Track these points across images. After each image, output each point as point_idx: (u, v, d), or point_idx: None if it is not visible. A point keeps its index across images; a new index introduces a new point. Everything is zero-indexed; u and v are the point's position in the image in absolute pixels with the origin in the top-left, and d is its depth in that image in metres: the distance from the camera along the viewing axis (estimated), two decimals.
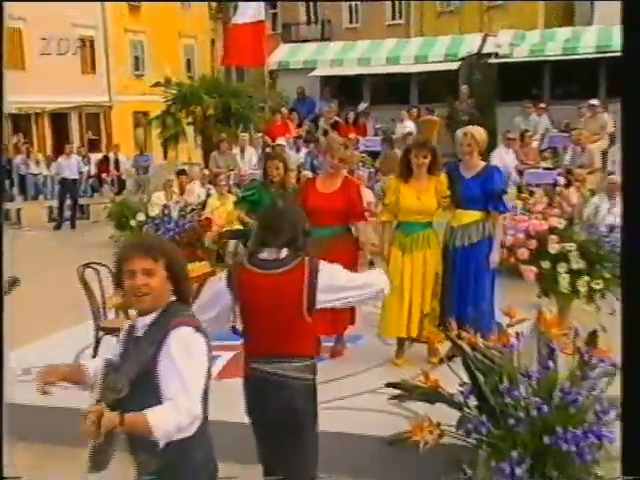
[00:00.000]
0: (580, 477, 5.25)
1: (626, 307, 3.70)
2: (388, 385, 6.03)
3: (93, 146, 34.78)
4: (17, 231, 19.61)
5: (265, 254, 4.58)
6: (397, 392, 6.10)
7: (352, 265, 6.93)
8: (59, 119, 35.53)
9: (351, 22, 48.53)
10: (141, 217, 12.35)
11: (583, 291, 9.20)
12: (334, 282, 4.61)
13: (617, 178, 13.92)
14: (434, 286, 7.66)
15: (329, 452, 5.46)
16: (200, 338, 3.69)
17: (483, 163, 8.06)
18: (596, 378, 5.47)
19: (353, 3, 48.25)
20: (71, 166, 20.52)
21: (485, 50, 20.88)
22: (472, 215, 7.67)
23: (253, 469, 5.09)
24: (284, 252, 4.55)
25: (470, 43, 21.56)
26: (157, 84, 29.25)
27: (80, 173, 21.24)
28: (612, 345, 5.54)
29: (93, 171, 23.67)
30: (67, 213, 21.05)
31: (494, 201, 7.68)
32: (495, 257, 7.71)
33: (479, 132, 7.99)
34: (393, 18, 47.67)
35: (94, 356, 7.71)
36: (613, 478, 4.93)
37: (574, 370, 5.49)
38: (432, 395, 5.74)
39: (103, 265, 7.91)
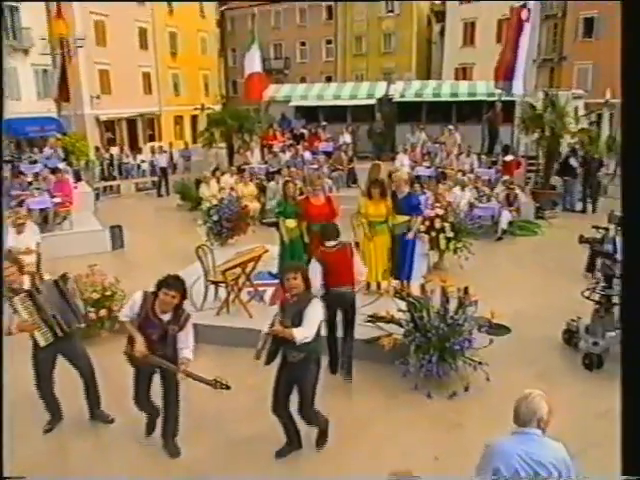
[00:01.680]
0: (458, 358, 6.17)
1: (624, 312, 2.94)
2: (370, 317, 6.83)
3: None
4: (118, 199, 19.33)
5: (331, 243, 6.13)
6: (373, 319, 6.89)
7: None
8: (131, 123, 34.95)
9: (302, 58, 46.55)
10: (207, 205, 11.96)
11: (452, 248, 10.44)
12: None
13: (470, 176, 14.80)
14: (386, 254, 8.09)
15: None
16: (318, 304, 4.87)
17: (407, 190, 8.30)
18: (468, 312, 6.32)
19: (302, 48, 46.49)
20: (163, 159, 20.44)
21: (389, 92, 21.00)
22: (403, 218, 8.02)
23: None
24: (334, 242, 6.09)
25: (381, 88, 21.37)
26: (196, 109, 28.95)
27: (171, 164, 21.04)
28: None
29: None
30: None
31: (413, 210, 8.10)
32: (411, 235, 8.07)
33: (404, 174, 8.78)
34: (327, 57, 45.90)
35: (205, 299, 7.88)
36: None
37: (457, 307, 6.37)
38: (390, 320, 6.68)
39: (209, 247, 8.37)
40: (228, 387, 4.57)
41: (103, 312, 7.58)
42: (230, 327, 7.32)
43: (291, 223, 8.35)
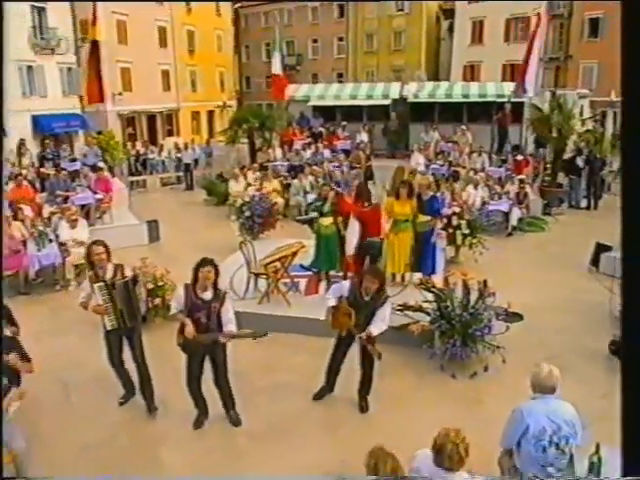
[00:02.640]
0: (478, 342, 6.87)
1: (625, 315, 2.85)
2: (399, 305, 7.44)
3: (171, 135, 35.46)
4: (145, 193, 19.50)
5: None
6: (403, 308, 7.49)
7: None
8: (150, 118, 35.46)
9: (314, 55, 46.66)
10: (239, 202, 12.47)
11: (467, 243, 11.10)
12: None
13: (481, 174, 15.34)
14: (409, 250, 8.69)
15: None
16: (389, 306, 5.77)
17: (431, 193, 8.93)
18: (487, 302, 6.99)
19: (314, 45, 46.62)
20: (188, 155, 20.94)
21: (404, 93, 21.53)
22: (426, 218, 8.62)
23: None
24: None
25: (396, 89, 22.00)
26: (218, 106, 29.36)
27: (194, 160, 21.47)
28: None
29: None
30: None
31: (435, 211, 8.76)
32: (434, 239, 8.76)
33: (427, 180, 9.50)
34: (339, 54, 46.07)
35: (247, 289, 8.50)
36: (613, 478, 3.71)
37: (478, 298, 7.09)
38: (418, 309, 7.41)
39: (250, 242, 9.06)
40: (265, 334, 5.31)
41: (157, 301, 8.29)
42: (271, 315, 8.00)
43: (326, 221, 8.91)
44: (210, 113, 41.83)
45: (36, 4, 29.44)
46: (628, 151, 2.80)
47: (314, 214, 9.02)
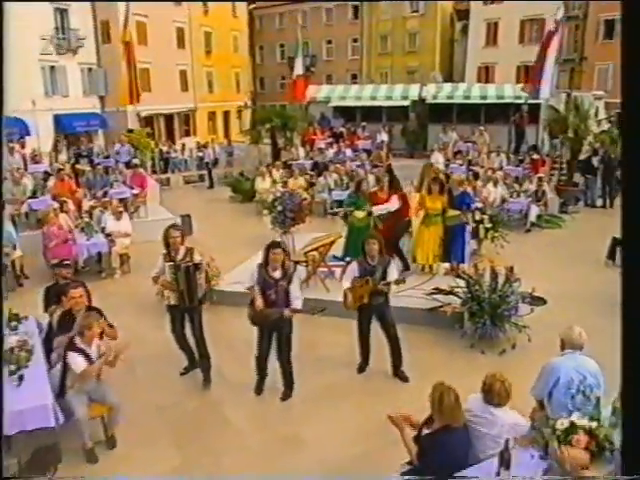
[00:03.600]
0: (506, 322, 7.64)
1: (624, 311, 2.84)
2: (434, 289, 8.30)
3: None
4: (169, 191, 19.94)
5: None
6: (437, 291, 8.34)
7: None
8: (168, 118, 36.30)
9: (328, 56, 47.31)
10: (271, 197, 13.23)
11: (490, 237, 11.80)
12: None
13: (499, 173, 16.02)
14: (438, 242, 9.52)
15: (410, 314, 7.97)
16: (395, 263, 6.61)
17: (461, 189, 9.82)
18: (514, 286, 7.76)
19: (328, 46, 47.36)
20: (210, 154, 21.79)
21: (422, 94, 22.24)
22: (456, 212, 9.49)
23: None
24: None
25: (415, 90, 22.73)
26: (240, 107, 30.00)
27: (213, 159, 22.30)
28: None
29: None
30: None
31: (465, 205, 9.66)
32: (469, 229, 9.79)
33: (460, 177, 10.24)
34: (353, 55, 46.81)
35: None
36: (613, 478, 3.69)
37: (504, 282, 7.85)
38: (450, 292, 8.17)
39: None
40: (324, 309, 6.33)
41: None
42: (312, 298, 8.70)
43: (360, 214, 9.70)
44: (226, 114, 42.67)
45: (60, 5, 30.41)
46: (628, 151, 2.80)
47: (347, 208, 9.79)
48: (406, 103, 22.23)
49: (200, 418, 6.22)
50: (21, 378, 5.30)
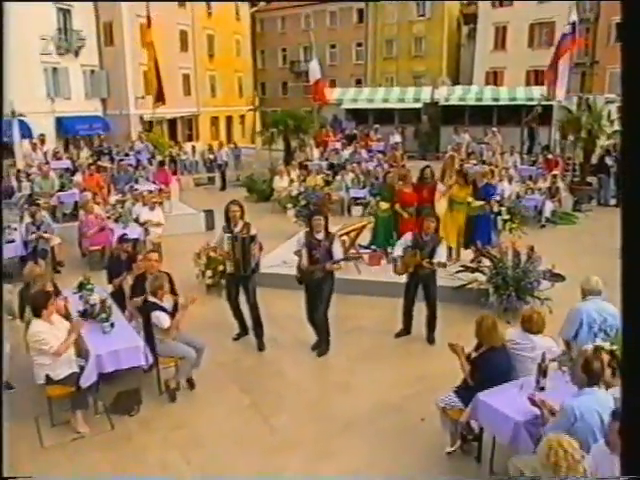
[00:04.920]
0: (528, 295, 8.83)
1: (624, 311, 2.91)
2: (461, 266, 9.52)
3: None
4: (182, 192, 19.91)
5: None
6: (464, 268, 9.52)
7: None
8: (171, 123, 37.33)
9: (332, 61, 47.89)
10: (296, 192, 14.50)
11: (507, 228, 13.01)
12: None
13: (510, 172, 17.26)
14: (460, 229, 10.63)
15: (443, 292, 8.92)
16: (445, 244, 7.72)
17: (485, 180, 10.96)
18: (535, 263, 9.02)
19: (332, 51, 48.20)
20: (222, 155, 22.92)
21: (435, 96, 23.58)
22: (480, 203, 10.59)
23: None
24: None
25: (427, 92, 24.06)
26: (250, 110, 31.03)
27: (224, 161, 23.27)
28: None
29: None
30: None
31: (489, 196, 10.78)
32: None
33: (484, 169, 11.46)
34: (357, 60, 48.08)
35: None
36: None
37: (526, 259, 9.07)
38: (476, 269, 9.36)
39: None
40: (360, 257, 8.04)
41: None
42: (344, 279, 9.84)
43: (384, 205, 10.93)
44: (229, 119, 43.98)
45: (62, 6, 31.70)
46: (628, 152, 2.90)
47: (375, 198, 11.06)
48: (418, 105, 23.51)
49: (259, 372, 7.39)
50: (112, 325, 6.43)
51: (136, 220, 12.26)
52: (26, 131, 26.47)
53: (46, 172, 14.36)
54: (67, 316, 6.42)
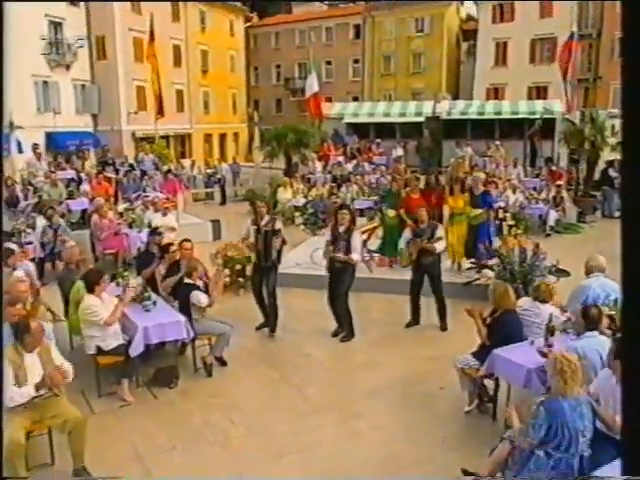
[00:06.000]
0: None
1: (624, 311, 2.97)
2: (471, 263, 10.63)
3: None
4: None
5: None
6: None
7: None
8: (164, 140, 38.23)
9: (327, 78, 48.26)
10: (302, 201, 15.62)
11: (513, 233, 14.04)
12: None
13: (514, 182, 18.42)
14: (463, 241, 11.26)
15: (447, 288, 9.84)
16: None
17: (482, 188, 11.54)
18: (540, 258, 10.09)
19: (327, 67, 49.39)
20: (224, 170, 23.98)
21: (436, 110, 24.81)
22: (479, 211, 11.21)
23: None
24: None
25: (428, 106, 25.36)
26: (250, 120, 31.93)
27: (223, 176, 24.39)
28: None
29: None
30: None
31: (487, 204, 11.41)
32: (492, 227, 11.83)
33: (480, 175, 12.48)
34: (354, 76, 49.57)
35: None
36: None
37: (532, 255, 10.11)
38: (485, 266, 10.41)
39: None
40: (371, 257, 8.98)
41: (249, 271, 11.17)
42: (357, 277, 10.88)
43: (391, 213, 11.85)
44: (222, 136, 45.24)
45: (54, 19, 32.90)
46: (628, 153, 2.95)
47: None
48: (420, 119, 24.77)
49: (284, 354, 8.41)
50: (155, 303, 7.44)
51: (149, 226, 13.22)
52: (16, 145, 27.57)
53: (54, 180, 15.38)
54: None
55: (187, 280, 7.68)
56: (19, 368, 5.20)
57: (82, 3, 34.63)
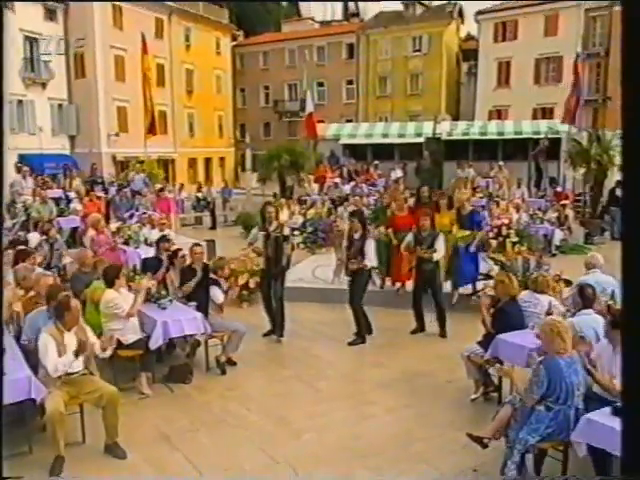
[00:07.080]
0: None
1: (624, 312, 3.16)
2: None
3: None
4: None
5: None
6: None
7: None
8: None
9: (319, 100, 47.68)
10: (301, 220, 16.86)
11: (516, 250, 15.17)
12: None
13: (517, 201, 19.60)
14: (448, 261, 11.13)
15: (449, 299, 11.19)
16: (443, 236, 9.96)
17: (470, 208, 11.87)
18: (544, 268, 11.26)
19: (319, 89, 50.01)
20: (214, 194, 25.08)
21: (437, 131, 26.02)
22: (466, 232, 11.38)
23: None
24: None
25: (428, 127, 26.61)
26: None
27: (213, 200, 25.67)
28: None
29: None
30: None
31: (475, 225, 11.71)
32: (473, 248, 11.59)
33: (466, 194, 13.42)
34: (348, 98, 51.05)
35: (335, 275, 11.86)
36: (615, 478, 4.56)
37: (536, 264, 11.33)
38: (487, 277, 11.53)
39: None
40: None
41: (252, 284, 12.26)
42: None
43: (382, 230, 12.18)
44: (207, 161, 46.42)
45: (29, 34, 34.13)
46: (629, 158, 3.10)
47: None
48: (419, 140, 25.96)
49: (294, 355, 9.49)
50: (171, 301, 8.48)
51: (145, 241, 14.28)
52: None
53: (44, 197, 16.43)
54: None
55: (212, 275, 8.85)
56: (60, 344, 6.20)
57: (60, 18, 35.94)
